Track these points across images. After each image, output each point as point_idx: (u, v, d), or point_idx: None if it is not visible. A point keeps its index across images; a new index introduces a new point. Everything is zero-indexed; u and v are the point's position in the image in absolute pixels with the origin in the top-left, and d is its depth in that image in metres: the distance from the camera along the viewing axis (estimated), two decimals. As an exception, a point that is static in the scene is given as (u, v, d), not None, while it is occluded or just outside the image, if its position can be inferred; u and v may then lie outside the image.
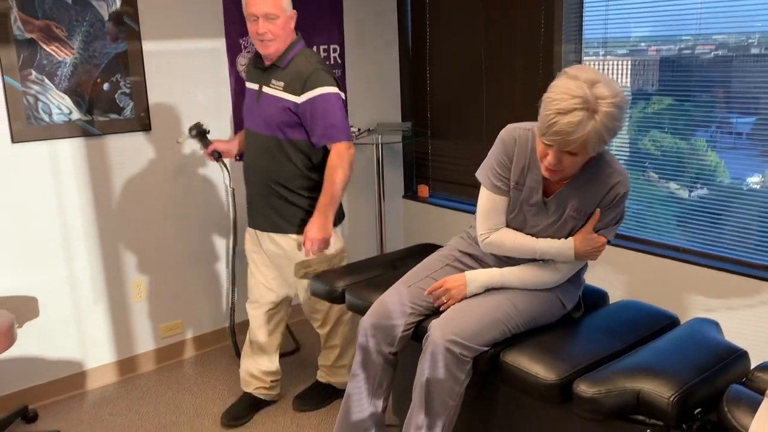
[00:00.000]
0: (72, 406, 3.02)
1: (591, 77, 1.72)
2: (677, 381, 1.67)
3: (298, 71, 2.47)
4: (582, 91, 1.69)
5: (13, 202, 2.87)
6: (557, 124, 1.70)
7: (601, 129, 1.71)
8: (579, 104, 1.68)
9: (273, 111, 2.50)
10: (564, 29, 3.15)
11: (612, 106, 1.71)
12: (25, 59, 2.79)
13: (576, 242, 1.95)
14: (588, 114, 1.69)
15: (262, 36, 2.42)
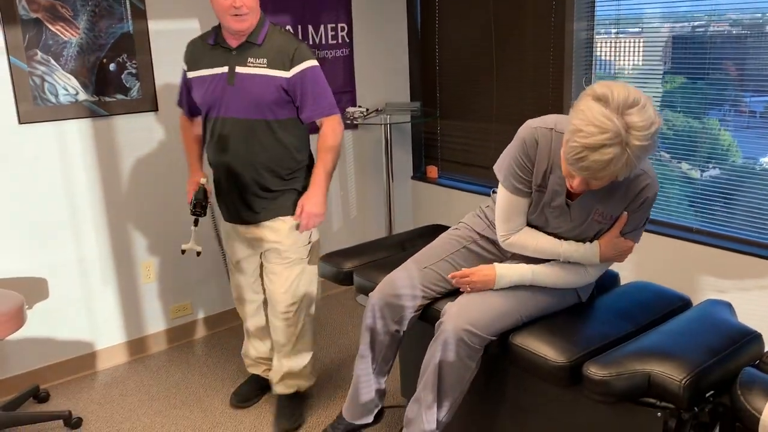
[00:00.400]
0: (83, 387, 3.05)
1: (622, 100, 1.55)
2: (689, 363, 1.65)
3: (280, 46, 2.32)
4: (612, 124, 1.53)
5: (21, 183, 2.87)
6: (586, 160, 1.58)
7: (633, 160, 1.59)
8: (609, 140, 1.54)
9: (260, 90, 2.31)
10: (576, 6, 3.09)
11: (645, 138, 1.56)
12: (31, 39, 2.77)
13: (602, 247, 1.88)
14: (620, 149, 1.55)
15: (239, 9, 2.21)
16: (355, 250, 2.57)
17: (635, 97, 1.57)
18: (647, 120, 1.56)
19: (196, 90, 2.39)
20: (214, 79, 2.34)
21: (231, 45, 2.32)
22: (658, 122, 1.59)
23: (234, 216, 2.51)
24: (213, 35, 2.37)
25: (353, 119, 3.64)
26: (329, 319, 3.64)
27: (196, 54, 2.39)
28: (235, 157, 2.38)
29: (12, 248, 2.89)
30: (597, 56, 3.15)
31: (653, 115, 1.58)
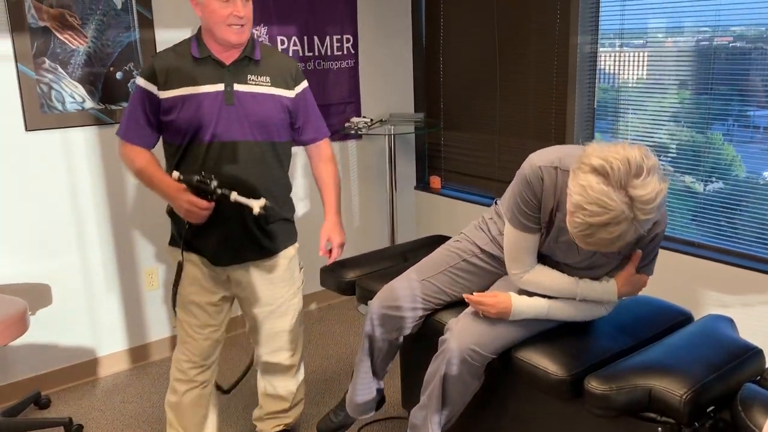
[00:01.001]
0: (84, 393, 3.05)
1: (623, 173, 1.47)
2: (690, 378, 1.65)
3: (279, 63, 2.14)
4: (616, 203, 1.47)
5: (27, 189, 2.88)
6: (593, 237, 1.53)
7: (641, 229, 1.54)
8: (614, 219, 1.49)
9: (266, 110, 2.09)
10: (580, 20, 3.11)
11: (652, 210, 1.50)
12: (39, 47, 2.80)
13: (619, 285, 1.86)
14: (627, 225, 1.50)
15: (241, 20, 1.98)
16: (357, 260, 2.57)
17: (637, 165, 1.49)
18: (652, 191, 1.48)
19: (181, 111, 2.02)
20: (206, 99, 2.02)
21: (224, 60, 2.04)
22: (665, 188, 1.51)
23: (231, 255, 2.16)
24: (194, 48, 2.04)
25: (357, 129, 3.66)
26: (330, 329, 3.64)
27: (172, 70, 2.02)
28: (242, 185, 2.08)
29: (16, 254, 2.91)
30: (600, 69, 3.16)
31: (658, 182, 1.50)
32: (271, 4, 3.43)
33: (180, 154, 2.08)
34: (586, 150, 1.57)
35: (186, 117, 2.02)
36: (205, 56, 2.03)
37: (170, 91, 2.02)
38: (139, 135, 2.09)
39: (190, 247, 2.17)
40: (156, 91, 2.03)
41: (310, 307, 3.92)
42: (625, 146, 1.52)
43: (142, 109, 2.06)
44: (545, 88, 3.37)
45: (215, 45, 2.03)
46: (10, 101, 2.78)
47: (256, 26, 3.39)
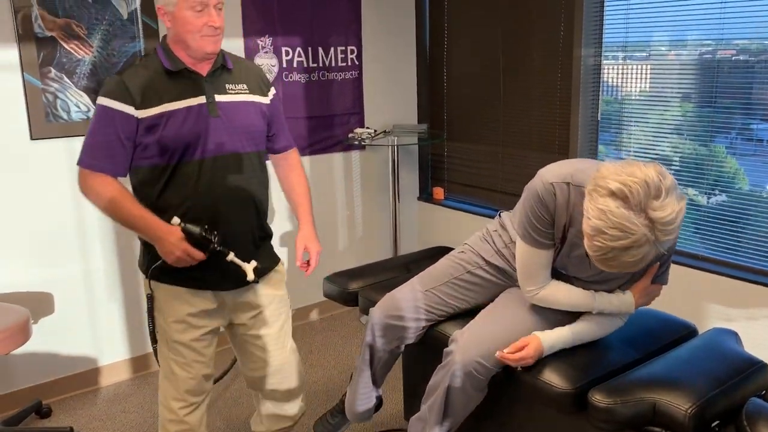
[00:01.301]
0: (85, 403, 3.04)
1: (643, 196, 1.46)
2: (695, 392, 1.64)
3: (249, 68, 2.05)
4: (637, 227, 1.46)
5: (31, 198, 2.89)
6: (615, 260, 1.52)
7: (662, 248, 1.54)
8: (636, 242, 1.48)
9: (250, 119, 1.99)
10: (584, 32, 3.12)
11: (674, 230, 1.50)
12: (45, 57, 2.81)
13: (636, 297, 1.86)
14: (648, 247, 1.49)
15: (216, 30, 1.86)
16: (360, 270, 2.57)
17: (655, 186, 1.47)
18: (672, 212, 1.47)
19: (165, 129, 1.85)
20: (190, 113, 1.88)
21: (199, 71, 1.91)
22: (683, 206, 1.50)
23: (231, 278, 1.98)
24: (165, 61, 1.89)
25: (361, 140, 3.67)
26: (332, 340, 3.63)
27: (146, 86, 1.85)
28: (237, 201, 1.96)
29: (19, 262, 2.91)
30: (604, 82, 3.17)
31: (676, 201, 1.48)
32: (275, 15, 3.45)
33: (167, 175, 1.88)
34: (600, 171, 1.54)
35: (171, 134, 1.85)
36: (180, 69, 1.88)
37: (150, 109, 1.84)
38: (110, 162, 1.85)
39: (177, 280, 1.95)
40: (132, 112, 1.83)
41: (312, 318, 3.92)
42: (641, 166, 1.50)
43: (114, 132, 1.83)
44: (549, 100, 3.38)
45: (187, 56, 1.89)
46: (15, 110, 2.80)
47: (261, 37, 3.41)
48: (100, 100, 1.85)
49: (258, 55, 3.42)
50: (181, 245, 1.83)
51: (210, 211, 1.91)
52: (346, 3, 3.69)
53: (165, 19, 1.87)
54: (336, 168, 3.84)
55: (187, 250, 1.83)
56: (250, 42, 3.38)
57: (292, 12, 3.51)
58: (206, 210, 1.90)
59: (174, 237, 1.83)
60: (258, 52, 3.42)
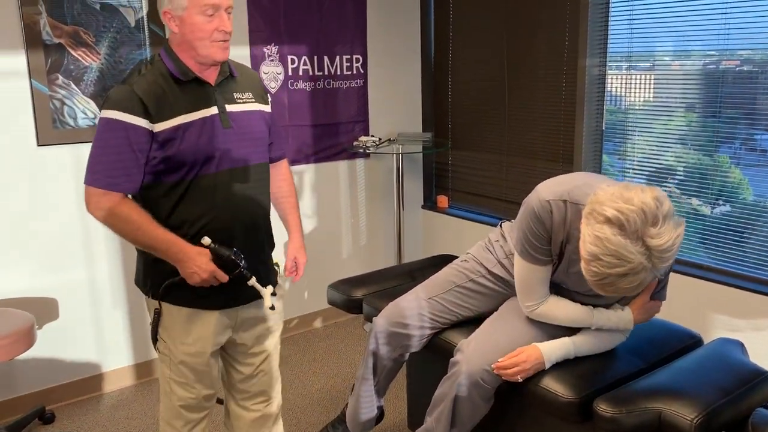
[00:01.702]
0: (89, 409, 3.04)
1: (639, 224, 1.46)
2: (701, 402, 1.64)
3: (250, 76, 1.97)
4: (634, 255, 1.46)
5: (37, 204, 2.90)
6: (612, 285, 1.52)
7: (659, 273, 1.54)
8: (633, 270, 1.48)
9: (260, 128, 1.92)
10: (589, 42, 3.13)
11: (671, 257, 1.49)
12: (53, 64, 2.83)
13: (635, 314, 1.87)
14: (645, 273, 1.49)
15: (227, 35, 1.77)
16: (364, 278, 2.58)
17: (652, 214, 1.47)
18: (669, 239, 1.47)
19: (182, 143, 1.75)
20: (204, 125, 1.78)
21: (207, 80, 1.81)
22: (681, 232, 1.49)
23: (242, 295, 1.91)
24: (173, 68, 1.78)
25: (366, 148, 3.68)
26: (335, 348, 3.63)
27: (160, 97, 1.74)
28: (252, 213, 1.89)
29: (24, 268, 2.92)
30: (609, 91, 3.18)
31: (674, 227, 1.48)
32: (281, 23, 3.47)
33: (181, 190, 1.78)
34: (597, 195, 1.54)
35: (189, 148, 1.74)
36: (190, 78, 1.77)
37: (165, 122, 1.73)
38: (126, 180, 1.73)
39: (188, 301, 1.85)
40: (146, 125, 1.71)
41: (315, 325, 3.92)
42: (638, 192, 1.50)
43: (128, 147, 1.71)
44: (554, 109, 3.39)
45: (195, 64, 1.78)
46: (23, 116, 2.81)
47: (267, 45, 3.43)
48: (109, 113, 1.70)
49: (264, 63, 3.44)
50: (209, 267, 1.74)
51: (227, 225, 1.82)
52: (351, 12, 3.71)
53: (172, 24, 1.75)
54: (341, 176, 3.85)
55: (215, 272, 1.75)
56: (256, 50, 3.40)
57: (298, 20, 3.53)
58: (224, 224, 1.82)
59: (202, 258, 1.74)
60: (264, 60, 3.44)
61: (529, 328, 1.93)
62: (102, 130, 1.72)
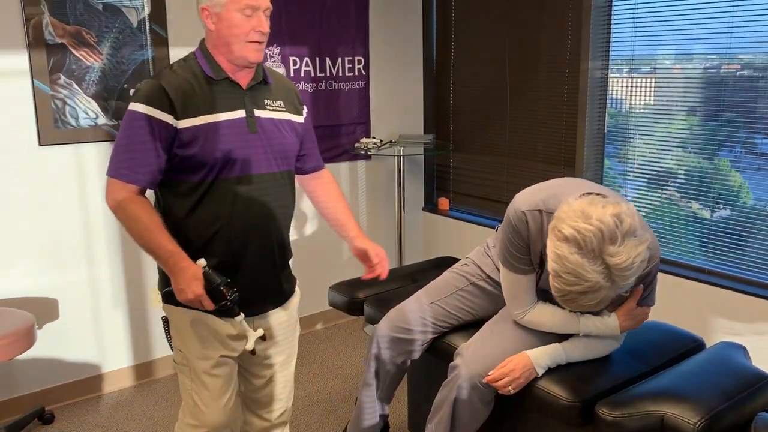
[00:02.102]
0: (88, 409, 3.03)
1: (596, 243, 1.45)
2: (703, 406, 1.64)
3: (285, 86, 1.94)
4: (591, 274, 1.47)
5: (38, 204, 2.90)
6: (575, 302, 1.55)
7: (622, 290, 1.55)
8: (592, 288, 1.49)
9: (287, 137, 1.87)
10: (591, 45, 3.14)
11: (632, 274, 1.50)
12: (55, 63, 2.83)
13: (620, 320, 1.84)
14: (606, 290, 1.50)
15: (263, 36, 1.74)
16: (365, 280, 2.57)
17: (610, 233, 1.45)
18: (628, 258, 1.46)
19: (205, 143, 1.72)
20: (229, 127, 1.75)
21: (239, 82, 1.79)
22: (642, 249, 1.48)
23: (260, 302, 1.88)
24: (206, 67, 1.76)
25: (367, 150, 3.68)
26: (335, 349, 3.63)
27: (188, 94, 1.71)
28: (271, 222, 1.84)
29: (25, 268, 2.91)
30: (611, 95, 3.19)
31: (635, 245, 1.47)
32: (283, 24, 3.47)
33: (201, 192, 1.75)
34: (559, 211, 1.54)
35: (211, 149, 1.71)
36: (222, 78, 1.75)
37: (189, 119, 1.70)
38: (146, 174, 1.71)
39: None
40: (172, 121, 1.69)
41: (317, 327, 3.91)
42: (599, 208, 1.49)
43: (152, 142, 1.68)
44: (555, 111, 3.39)
45: (228, 64, 1.76)
46: (24, 116, 2.81)
47: (269, 47, 3.43)
48: (135, 106, 1.68)
49: (266, 65, 3.44)
50: (198, 291, 1.66)
51: (244, 231, 1.78)
52: (353, 13, 3.71)
53: (209, 21, 1.73)
54: (342, 177, 3.85)
55: (200, 297, 1.67)
56: (258, 51, 3.40)
57: (300, 22, 3.53)
58: (241, 230, 1.77)
59: (195, 282, 1.66)
60: (266, 61, 3.44)
61: (525, 332, 1.93)
62: (127, 123, 1.70)
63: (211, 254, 1.76)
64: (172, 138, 1.70)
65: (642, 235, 1.50)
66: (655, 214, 3.07)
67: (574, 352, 1.88)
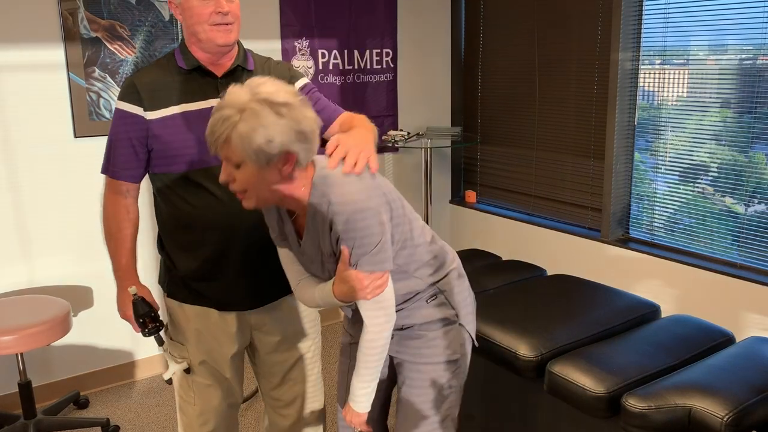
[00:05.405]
0: (121, 395, 3.11)
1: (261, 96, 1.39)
2: (732, 400, 1.62)
3: (273, 68, 1.86)
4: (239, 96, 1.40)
5: (73, 194, 2.97)
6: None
7: (244, 139, 1.40)
8: (228, 105, 1.40)
9: None
10: (622, 36, 3.10)
11: (251, 131, 1.38)
12: (90, 57, 2.89)
13: (334, 286, 1.58)
14: (232, 110, 1.40)
15: (225, 17, 1.69)
16: (393, 271, 2.57)
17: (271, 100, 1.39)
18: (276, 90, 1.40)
19: (174, 133, 1.71)
20: (201, 117, 1.72)
21: (215, 71, 1.75)
22: (262, 126, 1.37)
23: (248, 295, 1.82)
24: (180, 59, 1.75)
25: (395, 142, 3.69)
26: (363, 340, 3.65)
27: (157, 87, 1.72)
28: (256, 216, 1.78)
29: (61, 257, 2.99)
30: (641, 87, 3.14)
31: (264, 120, 1.37)
32: (312, 17, 3.49)
33: (181, 184, 1.74)
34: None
35: (180, 140, 1.71)
36: (193, 67, 1.73)
37: (158, 111, 1.71)
38: (123, 168, 1.75)
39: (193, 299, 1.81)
40: (142, 113, 1.71)
41: (341, 318, 3.94)
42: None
43: (126, 136, 1.72)
44: (585, 104, 3.36)
45: (202, 53, 1.74)
46: (61, 109, 2.88)
47: (298, 39, 3.46)
48: (116, 103, 1.75)
49: (295, 57, 3.47)
50: (127, 314, 1.80)
51: (223, 223, 1.74)
52: (382, 6, 3.72)
53: (176, 12, 1.73)
54: (369, 170, 3.86)
55: (128, 319, 1.80)
56: (287, 44, 3.43)
57: (329, 15, 3.55)
58: (218, 223, 1.74)
59: (127, 305, 1.79)
60: (295, 54, 3.47)
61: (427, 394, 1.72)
62: (112, 120, 1.79)
63: (196, 246, 1.75)
64: (144, 130, 1.72)
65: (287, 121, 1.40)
66: (687, 209, 3.02)
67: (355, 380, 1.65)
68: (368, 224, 1.47)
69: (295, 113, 1.41)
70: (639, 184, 3.23)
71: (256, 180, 1.42)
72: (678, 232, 3.08)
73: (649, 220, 3.20)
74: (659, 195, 3.13)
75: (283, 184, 1.46)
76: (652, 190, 3.16)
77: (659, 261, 3.06)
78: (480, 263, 2.84)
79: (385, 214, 1.51)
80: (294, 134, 1.40)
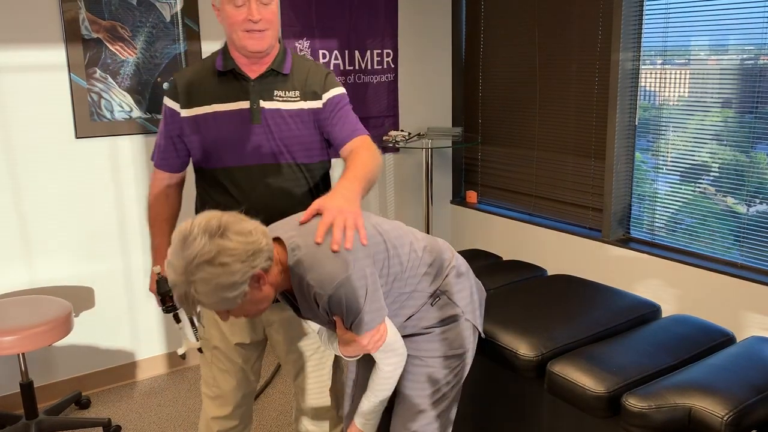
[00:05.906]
0: (122, 395, 3.12)
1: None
2: (732, 400, 1.62)
3: (310, 73, 1.89)
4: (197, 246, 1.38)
5: (75, 195, 2.98)
6: None
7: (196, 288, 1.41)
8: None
9: (297, 128, 1.84)
10: (622, 37, 3.10)
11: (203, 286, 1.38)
12: (91, 58, 2.90)
13: (340, 348, 1.61)
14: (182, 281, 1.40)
15: (256, 24, 1.74)
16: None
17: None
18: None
19: (202, 131, 1.82)
20: (230, 117, 1.81)
21: (249, 74, 1.82)
22: (213, 249, 1.37)
23: None
24: (219, 60, 1.83)
25: (395, 143, 3.69)
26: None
27: (193, 85, 1.83)
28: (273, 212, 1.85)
29: (62, 257, 3.00)
30: (642, 87, 3.14)
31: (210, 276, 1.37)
32: (313, 18, 3.50)
33: (208, 179, 1.87)
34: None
35: (209, 138, 1.81)
36: (228, 69, 1.81)
37: (192, 109, 1.82)
38: (163, 159, 1.91)
39: None
40: (179, 110, 1.83)
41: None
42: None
43: (167, 130, 1.87)
44: (585, 104, 3.36)
45: (239, 56, 1.81)
46: (62, 109, 2.89)
47: (299, 40, 3.46)
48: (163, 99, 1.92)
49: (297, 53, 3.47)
50: (151, 286, 1.97)
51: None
52: (382, 6, 3.72)
53: (218, 16, 1.80)
54: (370, 170, 3.86)
55: (153, 293, 1.92)
56: (287, 44, 3.44)
57: (330, 15, 3.55)
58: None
59: (153, 278, 1.95)
60: (296, 54, 3.47)
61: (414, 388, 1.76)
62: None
63: None
64: (180, 126, 1.85)
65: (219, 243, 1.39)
66: (688, 209, 3.02)
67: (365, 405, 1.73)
68: (350, 291, 1.47)
69: (231, 247, 1.39)
70: (640, 184, 3.23)
71: (249, 307, 1.49)
72: (679, 232, 3.08)
73: (650, 220, 3.20)
74: (660, 195, 3.13)
75: (266, 289, 1.49)
76: (653, 190, 3.16)
77: (660, 261, 3.06)
78: (481, 263, 2.84)
79: (369, 267, 1.51)
80: (248, 261, 1.40)
